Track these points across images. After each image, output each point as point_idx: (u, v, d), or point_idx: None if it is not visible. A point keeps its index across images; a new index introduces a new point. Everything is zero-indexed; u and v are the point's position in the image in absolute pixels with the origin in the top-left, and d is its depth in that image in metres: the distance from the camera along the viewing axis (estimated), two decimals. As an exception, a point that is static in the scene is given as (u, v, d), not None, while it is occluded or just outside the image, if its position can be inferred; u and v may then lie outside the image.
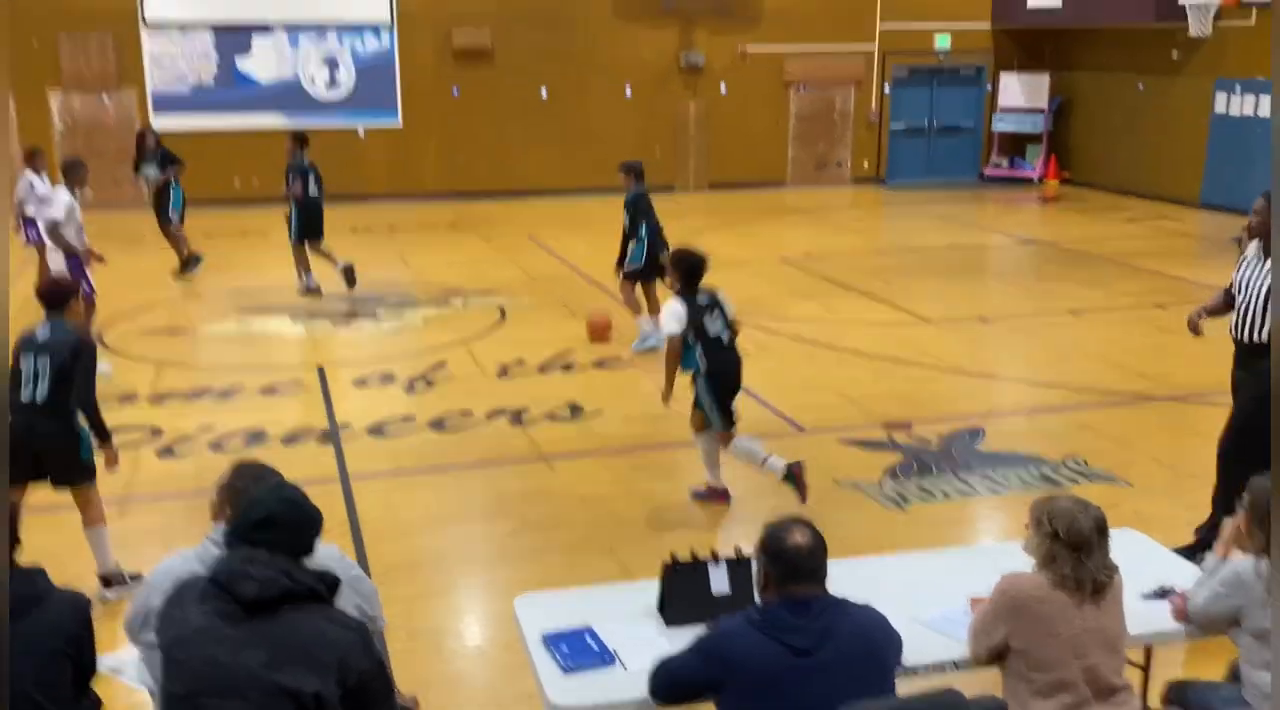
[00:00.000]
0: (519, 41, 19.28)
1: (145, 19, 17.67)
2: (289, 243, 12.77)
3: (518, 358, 9.89)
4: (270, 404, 8.74)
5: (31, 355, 5.44)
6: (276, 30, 18.29)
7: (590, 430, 8.18)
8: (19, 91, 17.36)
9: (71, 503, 5.77)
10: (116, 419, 8.16)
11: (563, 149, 19.90)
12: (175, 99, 18.11)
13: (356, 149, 19.10)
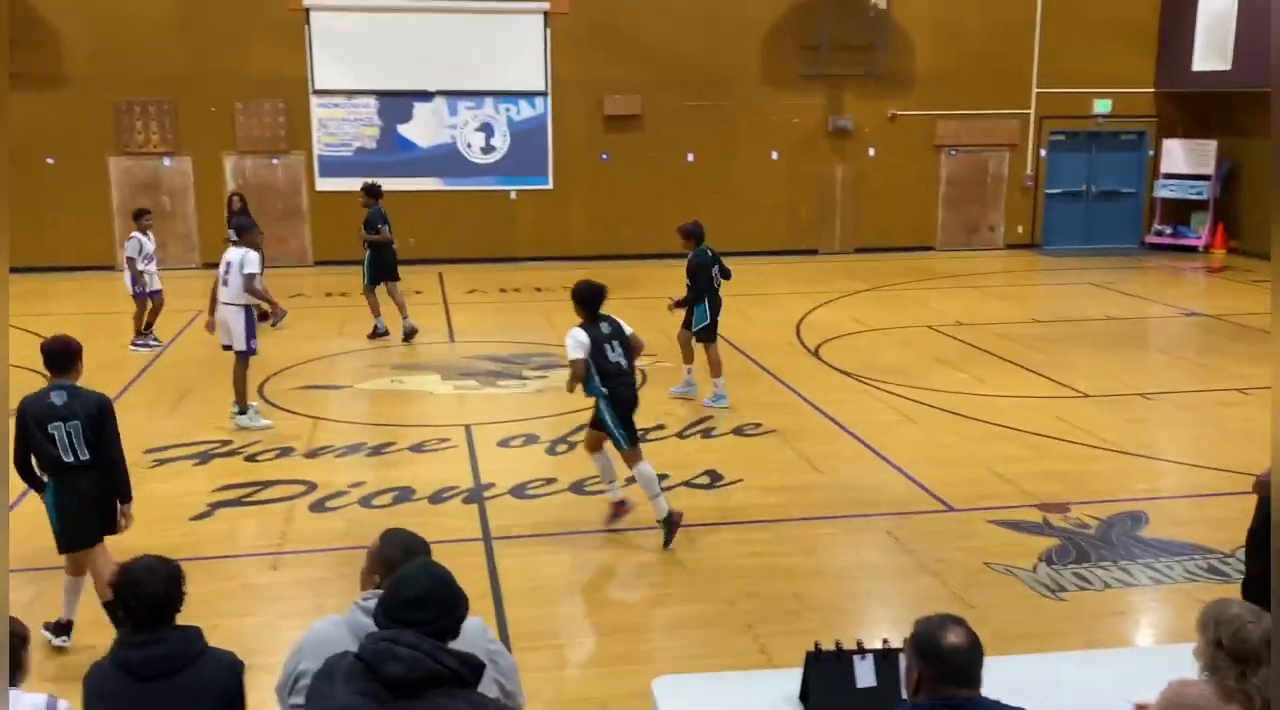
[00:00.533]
0: (667, 107, 19.58)
1: (314, 87, 18.61)
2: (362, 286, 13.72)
3: (658, 422, 9.89)
4: (419, 461, 8.93)
5: (60, 423, 5.64)
6: (436, 98, 19.03)
7: (729, 500, 8.10)
8: (197, 155, 18.48)
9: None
10: (274, 472, 8.51)
11: (708, 212, 19.91)
12: (339, 163, 18.96)
13: (507, 211, 19.62)
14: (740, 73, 19.66)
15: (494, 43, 18.90)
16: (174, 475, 8.54)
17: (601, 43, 19.16)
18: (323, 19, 18.40)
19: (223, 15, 18.01)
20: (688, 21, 19.31)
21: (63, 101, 17.89)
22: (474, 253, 19.38)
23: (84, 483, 5.73)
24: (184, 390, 11.00)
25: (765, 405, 10.44)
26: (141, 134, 18.29)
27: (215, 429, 9.68)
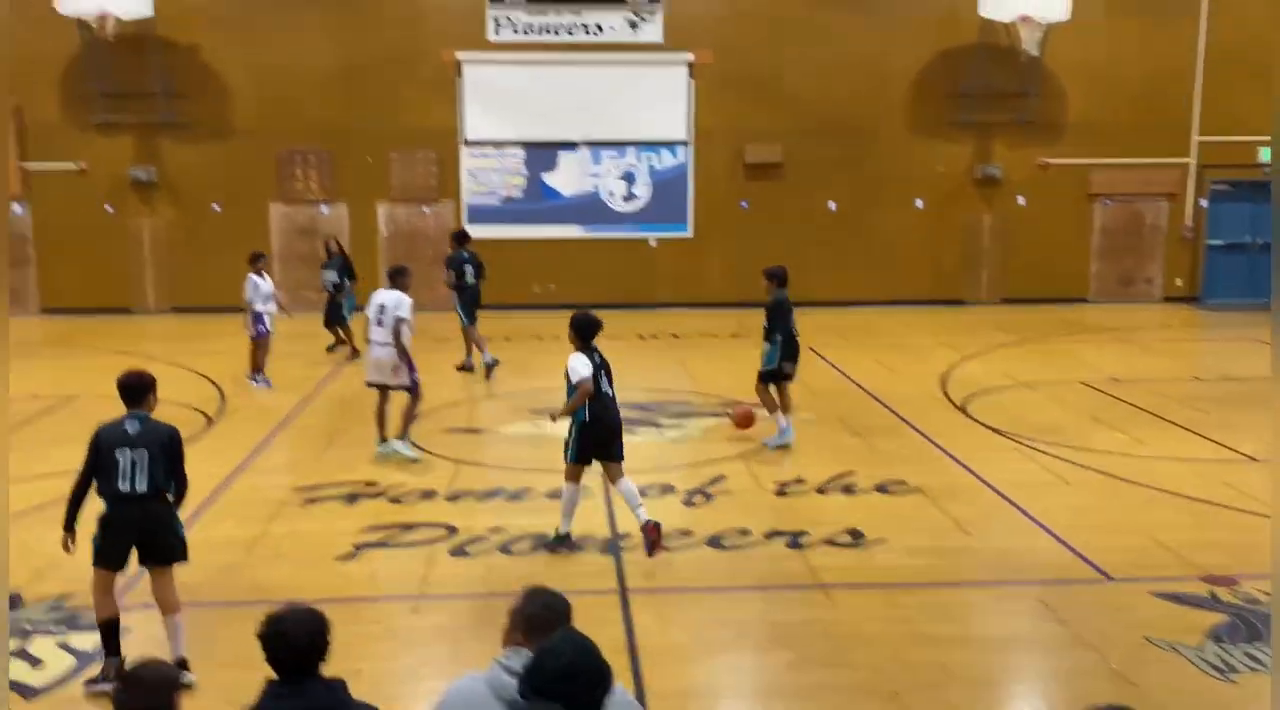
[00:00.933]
0: (809, 156, 19.50)
1: (465, 138, 19.17)
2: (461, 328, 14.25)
3: (797, 476, 9.72)
4: (556, 508, 8.91)
5: (126, 449, 5.89)
6: (581, 148, 19.38)
7: (871, 560, 7.86)
8: (352, 202, 19.19)
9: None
10: (416, 515, 8.65)
11: (849, 260, 19.80)
12: (487, 210, 19.44)
13: (647, 258, 19.77)
14: (885, 120, 19.46)
15: (638, 94, 19.18)
16: (323, 515, 8.76)
17: (744, 92, 19.23)
18: (474, 72, 18.99)
19: (381, 69, 18.76)
20: (831, 70, 19.25)
21: (230, 151, 18.85)
22: (613, 299, 19.51)
23: (135, 513, 5.96)
24: (334, 430, 11.34)
25: (909, 462, 10.15)
26: (301, 182, 19.12)
27: (363, 470, 9.92)
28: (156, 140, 18.82)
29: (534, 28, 18.90)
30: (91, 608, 6.47)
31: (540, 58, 18.98)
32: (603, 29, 18.95)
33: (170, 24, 18.31)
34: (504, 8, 18.81)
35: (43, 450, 10.51)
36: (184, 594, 7.15)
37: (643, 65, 19.12)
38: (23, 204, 18.83)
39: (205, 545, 8.05)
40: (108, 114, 18.51)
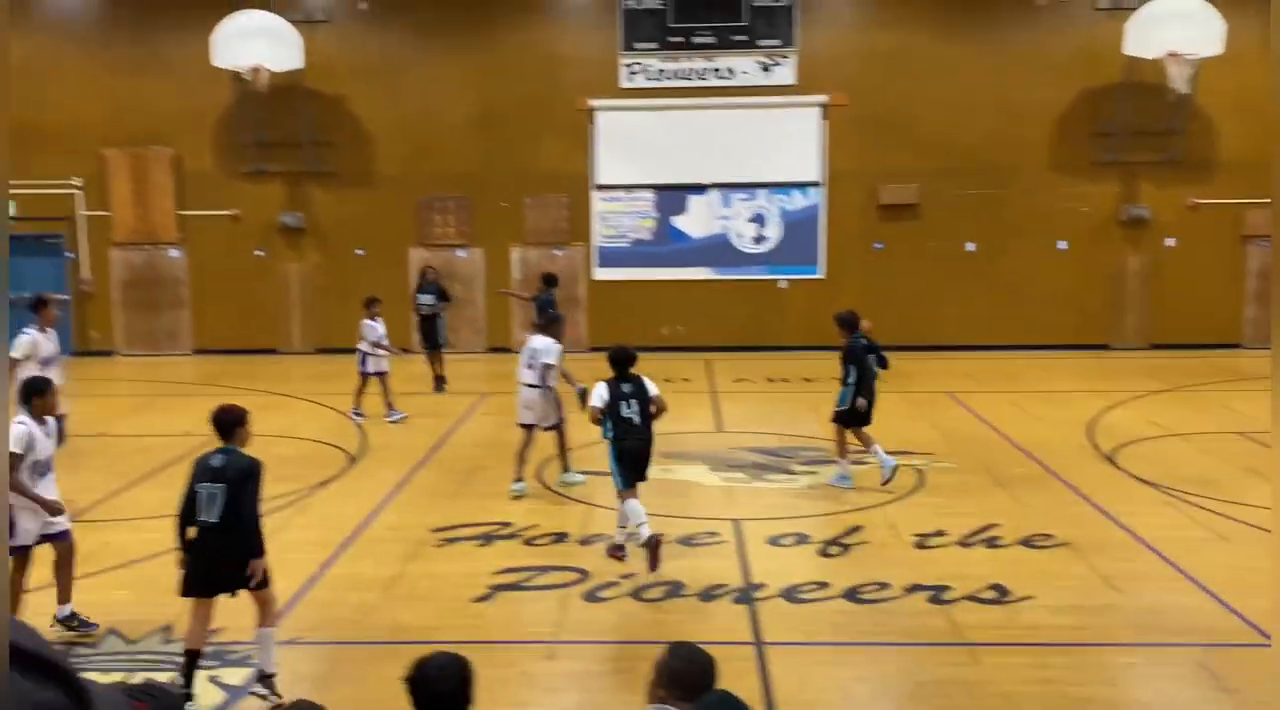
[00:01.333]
0: (946, 196, 19.16)
1: (596, 182, 19.44)
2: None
3: (937, 527, 9.44)
4: (688, 555, 8.89)
5: (207, 482, 6.20)
6: (711, 191, 19.44)
7: (1017, 617, 7.55)
8: (488, 246, 19.61)
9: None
10: (550, 558, 8.68)
11: (987, 302, 19.32)
12: (616, 253, 19.64)
13: (777, 300, 19.65)
14: (1025, 160, 19.01)
15: (769, 136, 19.16)
16: (459, 556, 8.87)
17: (879, 133, 19.04)
18: (607, 118, 19.27)
19: (517, 117, 19.21)
20: (969, 110, 18.91)
21: (373, 198, 19.51)
22: (742, 341, 19.48)
23: (212, 542, 6.23)
24: (470, 471, 11.51)
25: (1055, 515, 9.77)
26: (440, 227, 19.65)
27: (497, 511, 10.03)
28: (304, 187, 19.60)
29: (667, 73, 19.11)
30: (241, 642, 6.68)
31: (672, 102, 19.16)
32: (734, 73, 19.03)
33: (318, 75, 19.11)
34: (637, 55, 19.07)
35: (195, 486, 10.94)
36: (328, 632, 7.32)
37: (775, 108, 19.11)
38: (179, 249, 19.79)
39: (346, 583, 8.25)
40: (259, 163, 19.38)
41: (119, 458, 12.23)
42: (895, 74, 18.93)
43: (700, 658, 3.73)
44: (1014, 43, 18.87)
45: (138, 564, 8.71)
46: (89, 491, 10.87)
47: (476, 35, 19.13)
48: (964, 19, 18.87)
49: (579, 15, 19.19)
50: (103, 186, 19.64)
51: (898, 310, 19.46)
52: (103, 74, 19.34)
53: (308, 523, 9.80)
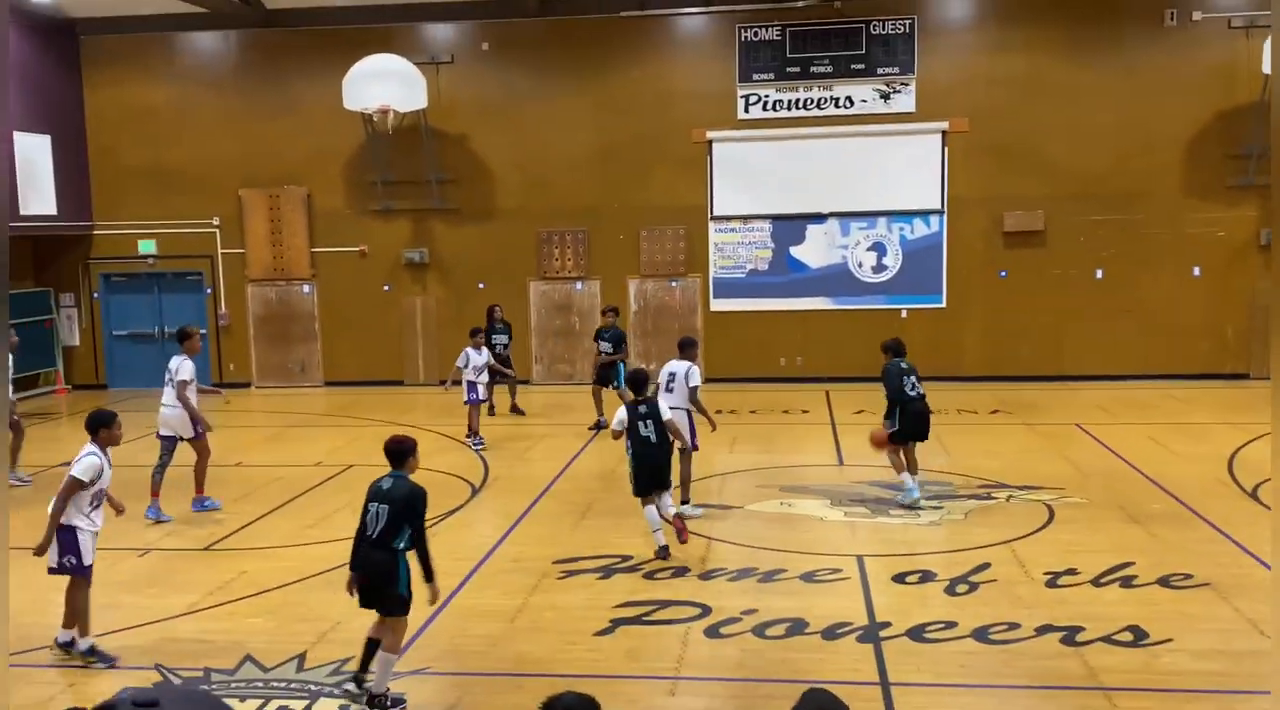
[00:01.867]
0: (1074, 222, 18.68)
1: (713, 213, 19.50)
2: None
3: (1069, 566, 9.14)
4: (810, 592, 8.78)
5: (375, 502, 6.70)
6: (829, 220, 19.30)
7: (1157, 663, 7.25)
8: (605, 278, 19.81)
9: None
10: (670, 592, 8.67)
11: (1117, 331, 18.73)
12: (732, 284, 19.63)
13: (897, 329, 19.31)
14: (1156, 185, 18.41)
15: (889, 164, 18.96)
16: (580, 588, 8.94)
17: (1002, 158, 18.68)
18: (724, 149, 19.33)
19: (634, 150, 19.42)
20: (1096, 134, 18.42)
21: (494, 233, 19.93)
22: (862, 372, 19.17)
23: (369, 557, 6.70)
24: (590, 502, 11.60)
25: (1195, 553, 9.37)
26: (558, 260, 19.95)
27: (617, 544, 10.08)
28: (428, 223, 20.13)
29: (784, 104, 19.10)
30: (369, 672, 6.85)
31: (790, 132, 19.11)
32: (853, 102, 18.91)
33: (441, 115, 19.65)
34: (754, 86, 19.11)
35: (324, 517, 11.28)
36: (454, 662, 7.45)
37: (894, 136, 18.91)
38: (310, 284, 20.51)
39: (471, 613, 8.39)
40: (386, 201, 19.98)
41: (255, 487, 12.68)
42: (1018, 99, 18.57)
43: (835, 706, 3.67)
44: (1143, 64, 18.32)
45: (272, 592, 9.00)
46: (225, 521, 11.30)
47: (594, 72, 19.44)
48: (1090, 42, 18.41)
49: (695, 49, 19.34)
50: (240, 225, 20.49)
51: (1023, 339, 19.03)
52: (240, 118, 20.23)
53: (434, 552, 9.97)
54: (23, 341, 19.54)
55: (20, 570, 9.86)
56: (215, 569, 9.75)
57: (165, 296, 21.17)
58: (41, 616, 8.73)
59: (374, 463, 13.84)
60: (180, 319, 20.95)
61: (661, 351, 19.85)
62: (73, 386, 21.03)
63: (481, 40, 19.67)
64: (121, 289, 21.21)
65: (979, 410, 16.62)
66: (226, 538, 10.72)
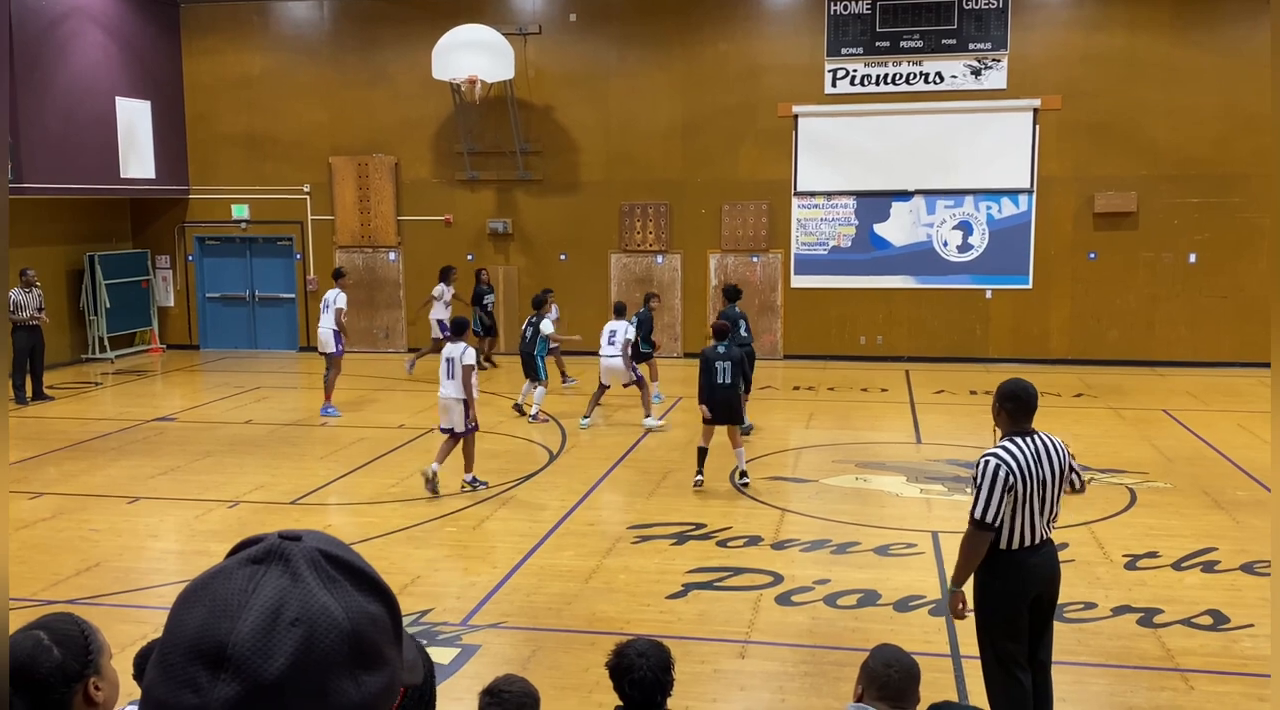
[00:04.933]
0: (1166, 204, 18.21)
1: (797, 189, 19.38)
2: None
3: (1150, 548, 9.01)
4: (883, 564, 8.79)
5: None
6: (915, 197, 19.07)
7: (1236, 647, 7.13)
8: (686, 252, 19.84)
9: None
10: (743, 560, 8.75)
11: (1209, 317, 18.25)
12: (814, 261, 19.51)
13: (982, 310, 19.10)
14: (1253, 166, 17.84)
15: (978, 141, 18.65)
16: (654, 553, 9.05)
17: (1094, 138, 18.27)
18: (810, 124, 19.18)
19: (719, 124, 19.38)
20: (1194, 114, 17.91)
21: (577, 205, 20.07)
22: (945, 352, 19.04)
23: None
24: (664, 473, 11.70)
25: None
26: (640, 234, 20.02)
27: (690, 512, 10.18)
28: (512, 194, 20.35)
29: (872, 79, 18.88)
30: (449, 623, 7.05)
31: (877, 108, 18.90)
32: (943, 78, 18.63)
33: (528, 86, 19.81)
34: (842, 60, 18.92)
35: (406, 477, 11.55)
36: (529, 618, 7.61)
37: (984, 113, 18.59)
38: (396, 252, 20.88)
39: (547, 572, 8.56)
40: (472, 171, 20.23)
41: (341, 447, 13.02)
42: (1113, 77, 18.12)
43: (903, 661, 3.72)
44: (1245, 43, 17.73)
45: (355, 546, 9.26)
46: (313, 477, 11.64)
47: (680, 44, 19.41)
48: (1192, 19, 17.87)
49: (783, 22, 19.20)
50: (329, 192, 20.92)
51: (1111, 323, 18.65)
52: (332, 87, 20.62)
53: (511, 514, 10.20)
54: (120, 301, 20.32)
55: (111, 517, 10.29)
56: (301, 522, 10.05)
57: (256, 261, 21.73)
58: (136, 561, 9.12)
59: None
60: (270, 283, 21.53)
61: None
62: (167, 346, 21.72)
63: (569, 12, 19.76)
64: (215, 252, 21.82)
65: (1063, 393, 16.35)
66: (312, 493, 11.04)
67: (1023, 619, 5.43)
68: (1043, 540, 5.47)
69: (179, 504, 10.59)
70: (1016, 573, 5.38)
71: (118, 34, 19.48)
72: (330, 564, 1.04)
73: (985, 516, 5.30)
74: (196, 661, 0.98)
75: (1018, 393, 5.53)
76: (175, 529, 9.90)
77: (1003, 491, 5.28)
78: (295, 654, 0.97)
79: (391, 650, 1.06)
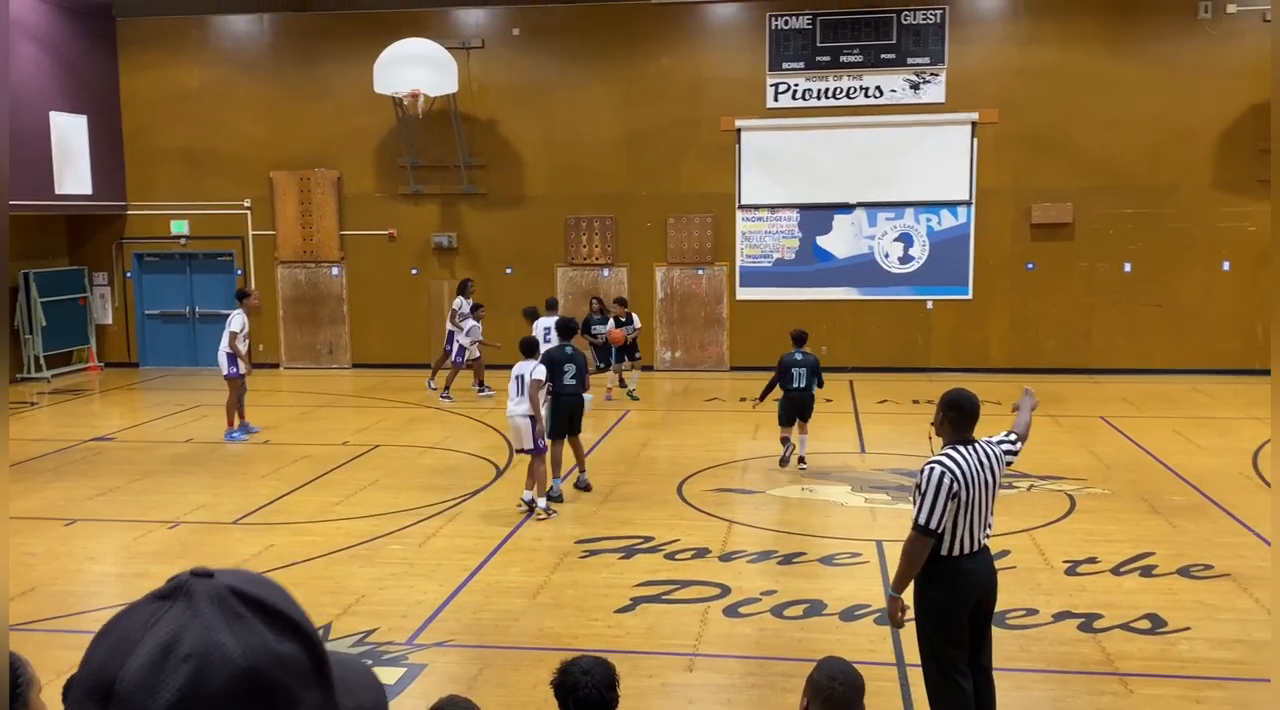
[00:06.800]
0: (1103, 215, 18.60)
1: (741, 202, 19.52)
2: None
3: (1089, 554, 9.17)
4: (830, 574, 8.86)
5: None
6: (857, 210, 19.29)
7: (1174, 650, 7.28)
8: (632, 265, 19.89)
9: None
10: (690, 572, 8.77)
11: (1145, 325, 18.65)
12: (758, 273, 19.65)
13: (923, 321, 19.35)
14: (1187, 178, 18.30)
15: (917, 154, 18.92)
16: (602, 567, 9.05)
17: (1031, 150, 18.62)
18: (753, 138, 19.34)
19: (663, 137, 19.48)
20: (1127, 127, 18.33)
21: (523, 218, 20.04)
22: (887, 362, 19.25)
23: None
24: (612, 485, 11.70)
25: (1216, 545, 9.38)
26: (586, 247, 20.04)
27: (639, 525, 10.18)
28: (457, 208, 20.27)
29: (813, 93, 19.09)
30: (394, 643, 6.97)
31: (819, 122, 19.11)
32: (883, 92, 18.88)
33: (471, 100, 19.77)
34: (784, 74, 19.11)
35: (350, 494, 11.44)
36: (476, 635, 7.57)
37: (923, 126, 18.87)
38: (339, 266, 20.71)
39: (495, 589, 8.51)
40: (415, 185, 20.13)
41: (283, 464, 12.87)
42: (1049, 91, 18.49)
43: (847, 674, 3.75)
44: (1176, 57, 18.20)
45: (298, 565, 9.16)
46: (255, 496, 11.49)
47: (623, 58, 19.49)
48: (1123, 34, 18.30)
49: (725, 37, 19.35)
50: (270, 207, 20.70)
51: (1049, 332, 18.98)
52: (273, 101, 20.43)
53: (458, 530, 10.14)
54: (56, 320, 19.92)
55: (48, 540, 10.07)
56: (243, 542, 9.92)
57: (196, 277, 21.43)
58: (73, 585, 8.94)
59: (400, 442, 14.05)
60: (211, 299, 21.23)
61: (687, 339, 19.95)
62: (105, 364, 21.33)
63: (513, 26, 19.76)
64: (154, 269, 21.48)
65: (1003, 402, 16.52)
66: (255, 512, 10.90)
67: (963, 625, 5.50)
68: (980, 547, 5.55)
69: (118, 526, 10.40)
70: (956, 579, 5.46)
71: (51, 47, 19.15)
72: (239, 600, 1.01)
73: (929, 522, 5.37)
74: (91, 697, 0.96)
75: (961, 402, 5.63)
76: (114, 551, 9.72)
77: (947, 498, 5.36)
78: (182, 690, 0.94)
79: (310, 693, 1.02)
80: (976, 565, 5.51)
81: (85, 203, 20.04)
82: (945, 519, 5.37)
